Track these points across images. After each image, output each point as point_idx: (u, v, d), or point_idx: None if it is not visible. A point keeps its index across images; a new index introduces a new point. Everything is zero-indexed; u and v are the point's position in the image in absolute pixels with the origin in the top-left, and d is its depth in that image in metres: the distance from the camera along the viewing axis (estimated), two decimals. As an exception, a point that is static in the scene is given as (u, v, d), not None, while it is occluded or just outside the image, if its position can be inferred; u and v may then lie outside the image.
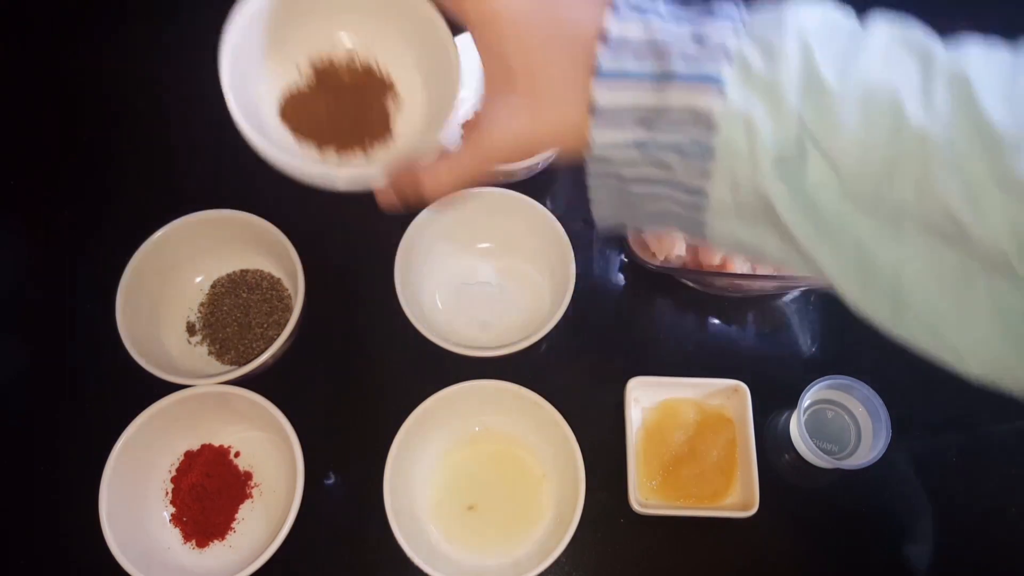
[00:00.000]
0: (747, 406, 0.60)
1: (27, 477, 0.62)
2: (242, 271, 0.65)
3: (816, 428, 0.62)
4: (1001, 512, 0.62)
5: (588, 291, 0.67)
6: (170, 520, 0.59)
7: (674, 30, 0.32)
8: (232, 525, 0.59)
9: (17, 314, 0.68)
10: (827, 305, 0.67)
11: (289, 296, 0.64)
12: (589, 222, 0.37)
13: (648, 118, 0.32)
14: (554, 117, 0.35)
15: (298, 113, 0.45)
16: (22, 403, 0.65)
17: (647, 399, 0.63)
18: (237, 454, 0.61)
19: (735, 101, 0.31)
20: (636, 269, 0.68)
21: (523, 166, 0.64)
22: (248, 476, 0.60)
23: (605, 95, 0.33)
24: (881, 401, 0.59)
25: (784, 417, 0.63)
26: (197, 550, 0.58)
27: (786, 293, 0.68)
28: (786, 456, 0.62)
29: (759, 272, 0.63)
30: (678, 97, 0.31)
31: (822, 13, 0.32)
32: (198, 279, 0.65)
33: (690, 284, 0.66)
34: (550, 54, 0.34)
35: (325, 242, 0.64)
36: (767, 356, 0.66)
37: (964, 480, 0.63)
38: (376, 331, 0.66)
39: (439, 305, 0.66)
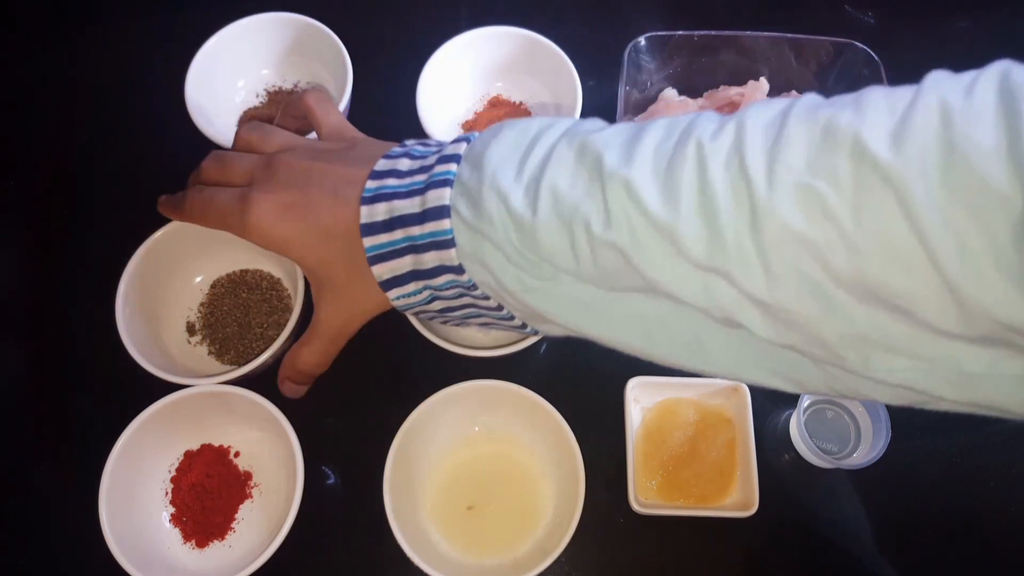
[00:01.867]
0: (747, 406, 0.60)
1: (27, 477, 0.62)
2: (242, 271, 0.65)
3: (816, 428, 0.62)
4: (1001, 512, 0.62)
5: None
6: (170, 520, 0.59)
7: (407, 204, 0.39)
8: (232, 525, 0.59)
9: (16, 314, 0.68)
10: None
11: (289, 296, 0.64)
12: None
13: (417, 274, 0.40)
14: (361, 295, 0.43)
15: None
16: (22, 403, 0.65)
17: (647, 399, 0.63)
18: (237, 454, 0.61)
19: (464, 247, 0.37)
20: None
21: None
22: (248, 476, 0.60)
23: (382, 270, 0.40)
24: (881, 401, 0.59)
25: (784, 417, 0.63)
26: (197, 550, 0.58)
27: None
28: (786, 456, 0.62)
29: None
30: (428, 257, 0.39)
31: (514, 141, 0.38)
32: (198, 279, 0.65)
33: (690, 284, 0.66)
34: (333, 256, 0.42)
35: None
36: (767, 356, 0.66)
37: (964, 480, 0.63)
38: (376, 331, 0.66)
39: None
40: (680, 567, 0.60)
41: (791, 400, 0.61)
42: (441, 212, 0.37)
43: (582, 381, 0.64)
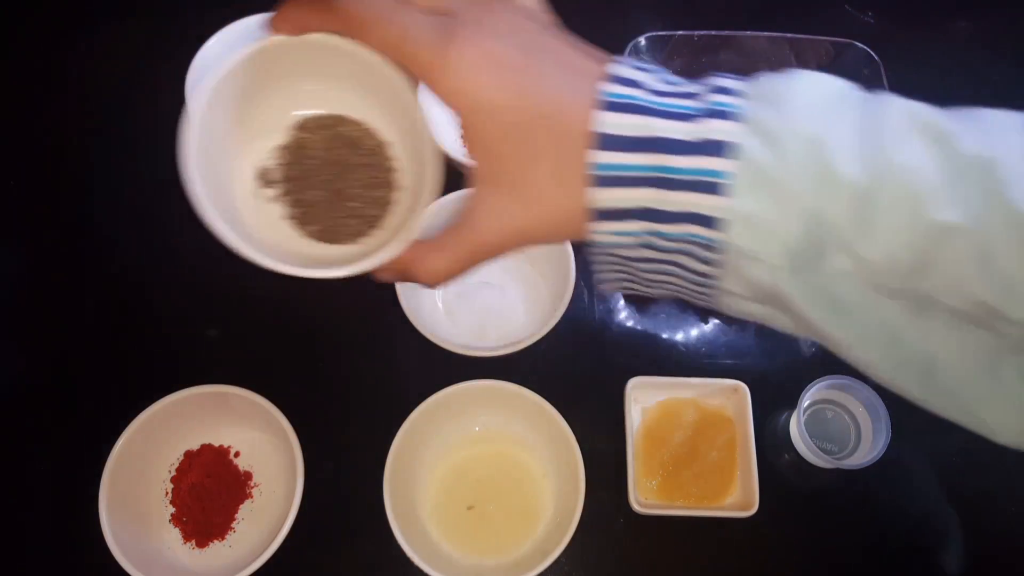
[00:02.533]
0: (747, 406, 0.60)
1: (27, 477, 0.62)
2: (336, 117, 0.45)
3: (816, 428, 0.62)
4: (1001, 512, 0.62)
5: (587, 291, 0.67)
6: (170, 520, 0.59)
7: (670, 126, 0.30)
8: (232, 525, 0.59)
9: (16, 314, 0.68)
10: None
11: (396, 171, 0.45)
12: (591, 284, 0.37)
13: (650, 213, 0.31)
14: (547, 213, 0.33)
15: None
16: (22, 402, 0.65)
17: (647, 399, 0.63)
18: (237, 454, 0.61)
19: (740, 201, 0.29)
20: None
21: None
22: (248, 476, 0.60)
23: (602, 195, 0.31)
24: (881, 401, 0.59)
25: (784, 417, 0.63)
26: (197, 550, 0.58)
27: (786, 293, 0.68)
28: (786, 456, 0.62)
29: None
30: (679, 197, 0.30)
31: (829, 91, 0.30)
32: (291, 114, 0.44)
33: (690, 284, 0.66)
34: (537, 149, 0.32)
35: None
36: (767, 356, 0.66)
37: (964, 480, 0.63)
38: (376, 331, 0.66)
39: (439, 305, 0.66)
40: (680, 567, 0.60)
41: (791, 400, 0.61)
42: (720, 148, 0.29)
43: (582, 381, 0.64)
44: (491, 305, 0.66)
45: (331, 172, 0.45)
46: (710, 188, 0.29)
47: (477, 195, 0.34)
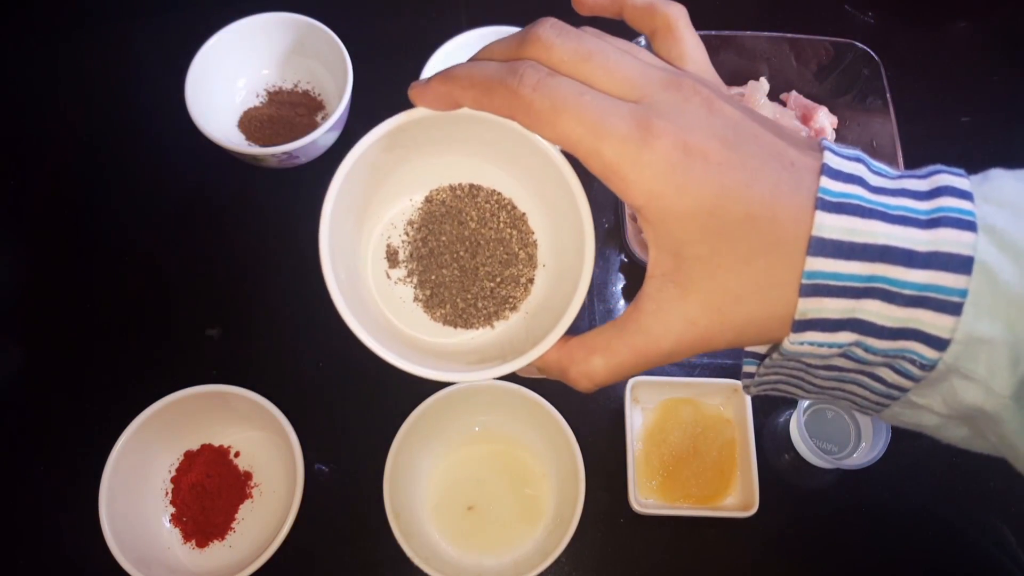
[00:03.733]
0: (747, 406, 0.60)
1: (27, 477, 0.62)
2: (473, 186, 0.41)
3: (816, 428, 0.62)
4: (1001, 512, 0.62)
5: (587, 291, 0.67)
6: (170, 520, 0.59)
7: (898, 232, 0.26)
8: (232, 525, 0.59)
9: (17, 314, 0.68)
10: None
11: (535, 240, 0.42)
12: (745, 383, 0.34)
13: (863, 325, 0.27)
14: (741, 321, 0.29)
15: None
16: (22, 402, 0.65)
17: (647, 399, 0.63)
18: (237, 454, 0.61)
19: (976, 324, 0.26)
20: (636, 269, 0.68)
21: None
22: (248, 476, 0.60)
23: (814, 306, 0.27)
24: (881, 401, 0.59)
25: (784, 417, 0.63)
26: (197, 550, 0.58)
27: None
28: (786, 456, 0.62)
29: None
30: (902, 313, 0.26)
31: None
32: (410, 194, 0.40)
33: (690, 284, 0.66)
34: (740, 254, 0.28)
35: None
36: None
37: (964, 480, 0.63)
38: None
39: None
40: (680, 567, 0.60)
41: (791, 400, 0.61)
42: (954, 263, 0.25)
43: (582, 381, 0.64)
44: None
45: (462, 248, 0.41)
46: (940, 306, 0.26)
47: (653, 295, 0.30)
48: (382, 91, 0.73)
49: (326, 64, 0.71)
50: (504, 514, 0.59)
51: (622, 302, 0.68)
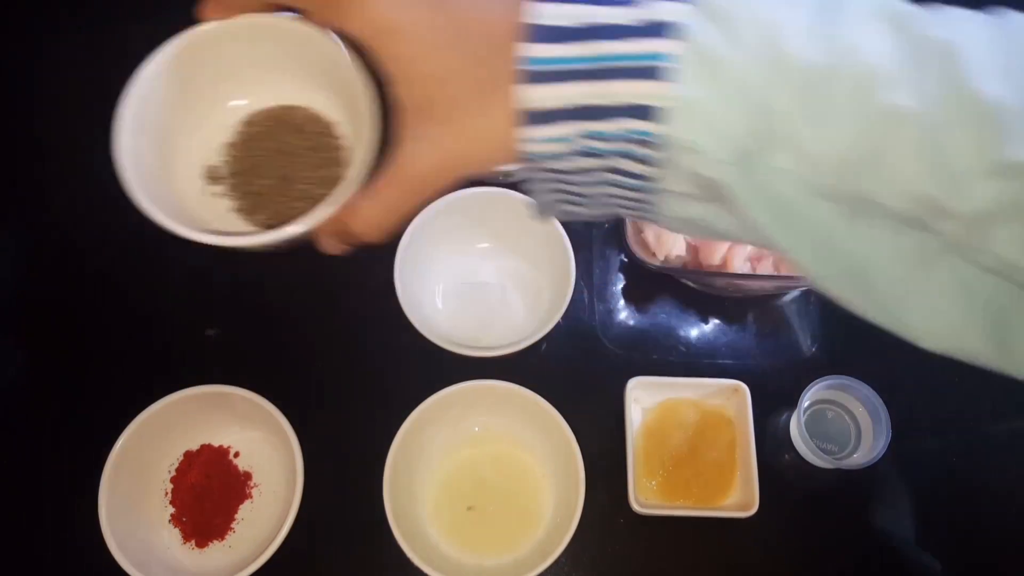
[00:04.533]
0: (747, 406, 0.60)
1: (27, 477, 0.62)
2: (287, 107, 0.47)
3: (816, 428, 0.62)
4: (1001, 512, 0.62)
5: (588, 291, 0.67)
6: (170, 520, 0.59)
7: (612, 12, 0.27)
8: (232, 525, 0.59)
9: (17, 314, 0.68)
10: (827, 305, 0.67)
11: (345, 148, 0.46)
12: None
13: (586, 111, 0.28)
14: (481, 131, 0.31)
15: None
16: (22, 402, 0.65)
17: (647, 399, 0.63)
18: (237, 454, 0.61)
19: (684, 87, 0.26)
20: (636, 269, 0.68)
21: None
22: (248, 476, 0.60)
23: (533, 94, 0.28)
24: (881, 401, 0.59)
25: (784, 417, 0.63)
26: (197, 550, 0.58)
27: (786, 293, 0.68)
28: (786, 456, 0.62)
29: (759, 272, 0.63)
30: (617, 87, 0.27)
31: None
32: (222, 112, 0.47)
33: (690, 284, 0.66)
34: (463, 62, 0.30)
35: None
36: (767, 356, 0.66)
37: (964, 480, 0.63)
38: (376, 331, 0.66)
39: (439, 305, 0.66)
40: (680, 567, 0.60)
41: (791, 400, 0.61)
42: (663, 30, 0.26)
43: (582, 381, 0.64)
44: (491, 305, 0.66)
45: (279, 161, 0.46)
46: (651, 73, 0.27)
47: (403, 128, 0.32)
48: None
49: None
50: (504, 514, 0.59)
51: (622, 301, 0.68)
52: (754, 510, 0.57)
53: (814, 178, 0.27)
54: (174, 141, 0.45)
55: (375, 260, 0.63)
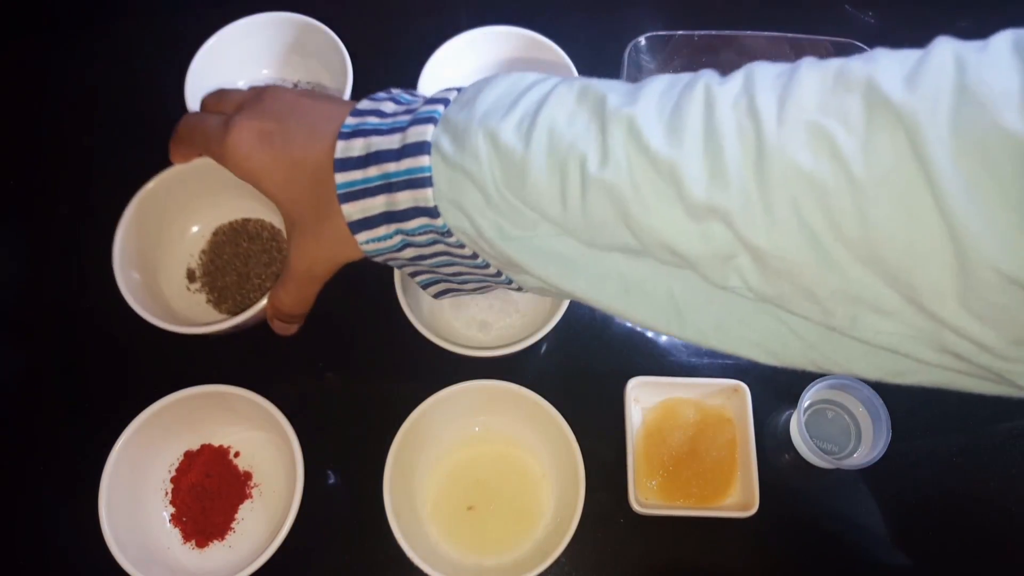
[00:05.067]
0: (747, 406, 0.60)
1: (27, 477, 0.62)
2: (244, 220, 0.64)
3: (816, 428, 0.62)
4: (1001, 512, 0.62)
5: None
6: (170, 520, 0.59)
7: (386, 140, 0.37)
8: (232, 525, 0.59)
9: (17, 313, 0.68)
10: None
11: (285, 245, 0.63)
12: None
13: (389, 216, 0.37)
14: (328, 238, 0.41)
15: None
16: (22, 402, 0.65)
17: (647, 399, 0.63)
18: (237, 454, 0.61)
19: (442, 188, 0.35)
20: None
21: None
22: (248, 476, 0.60)
23: (352, 209, 0.38)
24: (881, 401, 0.59)
25: (784, 417, 0.63)
26: (197, 550, 0.58)
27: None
28: (786, 456, 0.62)
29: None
30: (401, 197, 0.36)
31: (513, 81, 0.37)
32: (195, 228, 0.65)
33: (690, 284, 0.66)
34: (303, 190, 0.41)
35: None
36: (767, 356, 0.66)
37: (964, 480, 0.63)
38: (376, 331, 0.66)
39: (439, 305, 0.66)
40: (680, 567, 0.60)
41: (791, 400, 0.61)
42: (421, 148, 0.36)
43: (582, 381, 0.64)
44: (491, 304, 0.66)
45: (238, 263, 0.63)
46: (421, 183, 0.36)
47: (288, 239, 0.44)
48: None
49: (326, 64, 0.71)
50: (504, 514, 0.59)
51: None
52: (754, 510, 0.57)
53: (577, 236, 0.34)
54: (159, 254, 0.62)
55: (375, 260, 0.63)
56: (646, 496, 0.60)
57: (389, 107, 0.39)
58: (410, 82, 0.67)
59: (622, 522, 0.60)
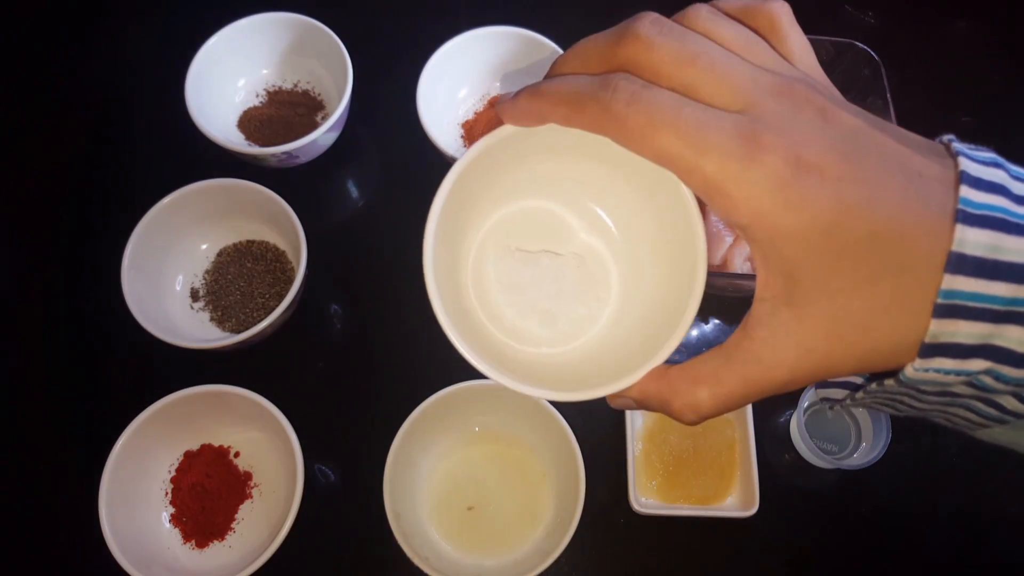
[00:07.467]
0: (747, 406, 0.60)
1: (27, 477, 0.62)
2: (248, 241, 0.66)
3: (816, 428, 0.62)
4: (1001, 512, 0.62)
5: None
6: (170, 520, 0.59)
7: None
8: (232, 525, 0.59)
9: (17, 313, 0.68)
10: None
11: (292, 269, 0.64)
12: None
13: (999, 352, 0.24)
14: (865, 346, 0.26)
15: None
16: (22, 402, 0.65)
17: (647, 399, 0.62)
18: (237, 454, 0.61)
19: None
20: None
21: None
22: (248, 476, 0.60)
23: (949, 329, 0.24)
24: (881, 401, 0.59)
25: (784, 417, 0.63)
26: (197, 550, 0.58)
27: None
28: (786, 456, 0.62)
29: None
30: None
31: None
32: (204, 246, 0.67)
33: (690, 284, 0.66)
34: (864, 275, 0.25)
35: (328, 232, 0.64)
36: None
37: (964, 480, 0.63)
38: (376, 331, 0.66)
39: (483, 283, 0.39)
40: (680, 567, 0.60)
41: (791, 400, 0.61)
42: None
43: (582, 381, 0.64)
44: (560, 287, 0.40)
45: (241, 282, 0.64)
46: None
47: (764, 321, 0.28)
48: (382, 91, 0.73)
49: (326, 64, 0.71)
50: (504, 514, 0.59)
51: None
52: (754, 510, 0.57)
53: None
54: (166, 274, 0.64)
55: (375, 261, 0.63)
56: (646, 496, 0.60)
57: (1016, 185, 0.25)
58: (410, 82, 0.67)
59: (622, 522, 0.60)
